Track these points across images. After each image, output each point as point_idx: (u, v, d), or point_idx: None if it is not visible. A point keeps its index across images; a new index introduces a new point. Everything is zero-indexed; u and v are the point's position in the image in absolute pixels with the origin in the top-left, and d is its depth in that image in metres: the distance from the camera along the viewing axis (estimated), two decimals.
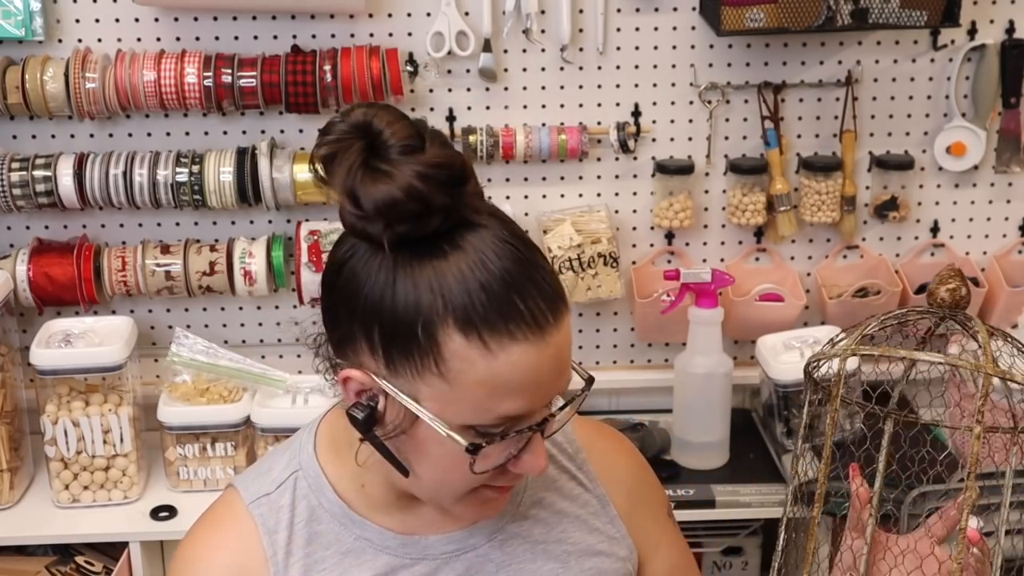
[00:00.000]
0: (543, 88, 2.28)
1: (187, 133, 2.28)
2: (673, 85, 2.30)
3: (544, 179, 2.33)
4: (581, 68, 2.28)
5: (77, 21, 2.21)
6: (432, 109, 2.28)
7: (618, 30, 2.26)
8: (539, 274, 1.06)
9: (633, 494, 1.33)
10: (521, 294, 1.04)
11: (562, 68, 2.27)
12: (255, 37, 2.24)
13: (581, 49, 2.27)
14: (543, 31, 2.25)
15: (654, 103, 2.30)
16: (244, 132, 2.28)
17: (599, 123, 2.30)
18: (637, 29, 2.27)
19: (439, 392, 1.05)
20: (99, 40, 2.22)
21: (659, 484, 1.40)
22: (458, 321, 1.03)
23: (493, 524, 1.24)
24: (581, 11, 2.24)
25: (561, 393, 1.10)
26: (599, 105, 2.30)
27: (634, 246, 2.39)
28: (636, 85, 2.29)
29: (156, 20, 2.22)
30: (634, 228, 2.38)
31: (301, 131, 2.28)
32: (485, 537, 1.24)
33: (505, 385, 1.04)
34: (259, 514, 1.20)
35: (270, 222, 2.33)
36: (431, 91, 2.27)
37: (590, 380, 1.12)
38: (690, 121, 2.32)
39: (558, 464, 1.30)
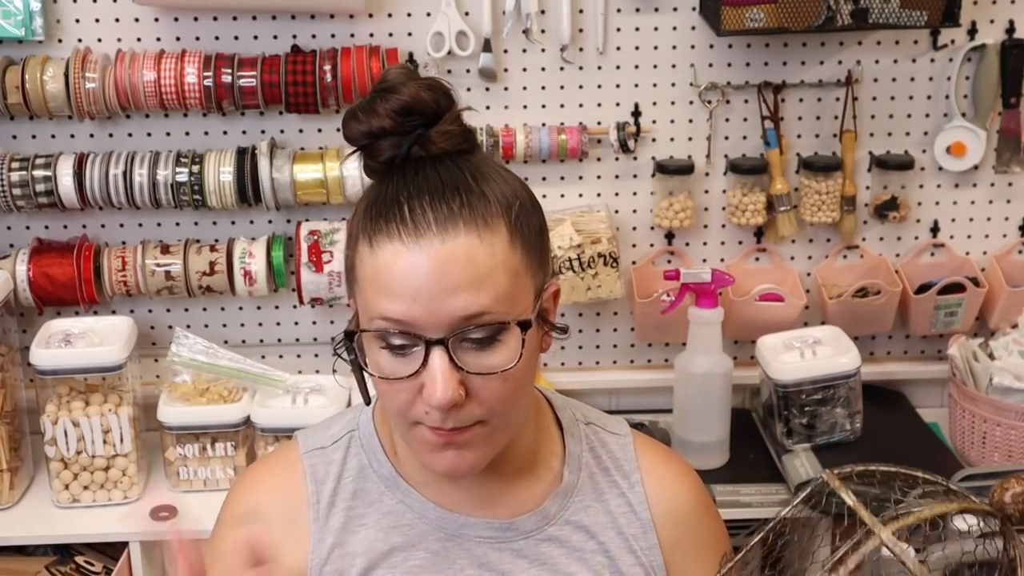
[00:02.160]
0: (543, 88, 2.28)
1: (187, 133, 2.28)
2: (673, 85, 2.30)
3: (544, 179, 2.33)
4: (581, 68, 2.28)
5: (77, 21, 2.21)
6: None
7: (618, 30, 2.26)
8: (452, 194, 1.12)
9: (681, 527, 1.31)
10: (410, 200, 1.11)
11: (562, 68, 2.27)
12: (255, 37, 2.24)
13: (581, 49, 2.27)
14: (543, 31, 2.25)
15: (654, 103, 2.30)
16: (244, 132, 2.28)
17: (599, 123, 2.30)
18: (637, 29, 2.27)
19: (356, 295, 1.16)
20: (99, 40, 2.22)
21: (720, 533, 1.37)
22: (364, 225, 1.13)
23: (534, 523, 1.25)
24: (581, 11, 2.24)
25: (463, 316, 1.10)
26: (599, 105, 2.30)
27: (634, 246, 2.39)
28: (636, 85, 2.29)
29: (156, 20, 2.22)
30: (634, 228, 2.38)
31: (301, 131, 2.28)
32: (523, 533, 1.25)
33: (382, 284, 1.11)
34: (310, 464, 1.28)
35: (270, 222, 2.33)
36: None
37: (523, 322, 1.13)
38: (690, 121, 2.32)
39: (610, 478, 1.30)
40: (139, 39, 2.22)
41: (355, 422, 1.30)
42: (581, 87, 2.29)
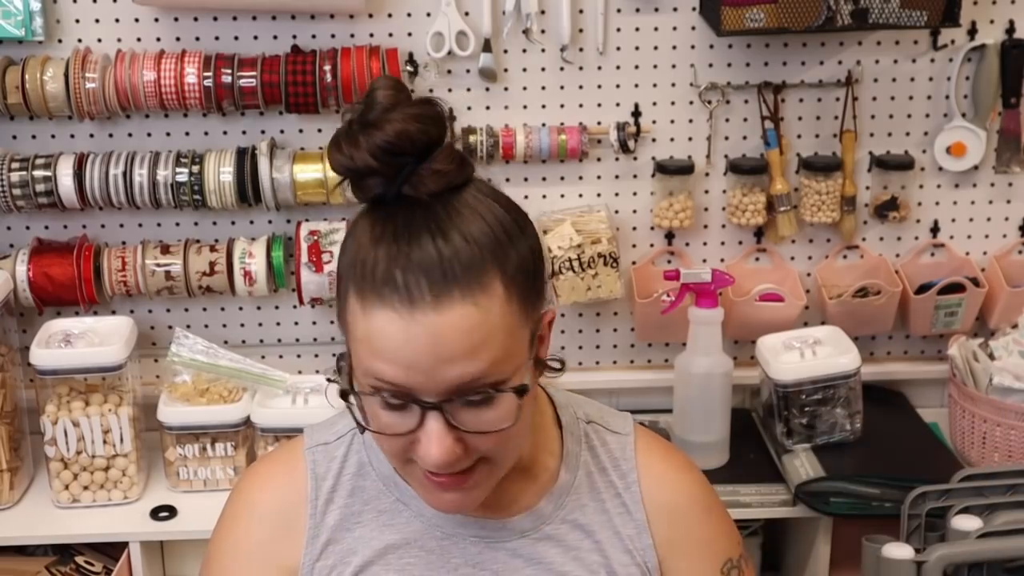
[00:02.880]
0: (543, 88, 2.28)
1: (187, 133, 2.28)
2: (673, 85, 2.30)
3: (544, 179, 2.33)
4: (581, 68, 2.28)
5: (77, 21, 2.21)
6: None
7: (618, 30, 2.26)
8: (448, 261, 1.08)
9: (677, 527, 1.30)
10: (405, 268, 1.08)
11: (562, 68, 2.27)
12: (255, 37, 2.24)
13: (581, 49, 2.27)
14: (543, 31, 2.25)
15: (654, 103, 2.30)
16: (244, 132, 2.28)
17: (599, 123, 2.30)
18: (637, 29, 2.27)
19: (349, 348, 1.14)
20: (99, 40, 2.22)
21: (722, 533, 1.34)
22: (355, 282, 1.11)
23: (530, 523, 1.25)
24: (581, 11, 2.24)
25: (460, 384, 1.09)
26: (599, 105, 2.30)
27: (634, 246, 2.39)
28: (636, 85, 2.29)
29: (156, 20, 2.22)
30: (634, 228, 2.38)
31: (301, 131, 2.28)
32: (519, 533, 1.25)
33: (376, 348, 1.09)
34: (312, 460, 1.29)
35: (270, 222, 2.33)
36: (431, 91, 2.26)
37: (519, 388, 1.11)
38: (690, 121, 2.32)
39: (607, 478, 1.30)
40: (139, 39, 2.22)
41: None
42: (581, 87, 2.29)
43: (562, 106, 2.29)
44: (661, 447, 1.35)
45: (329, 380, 1.21)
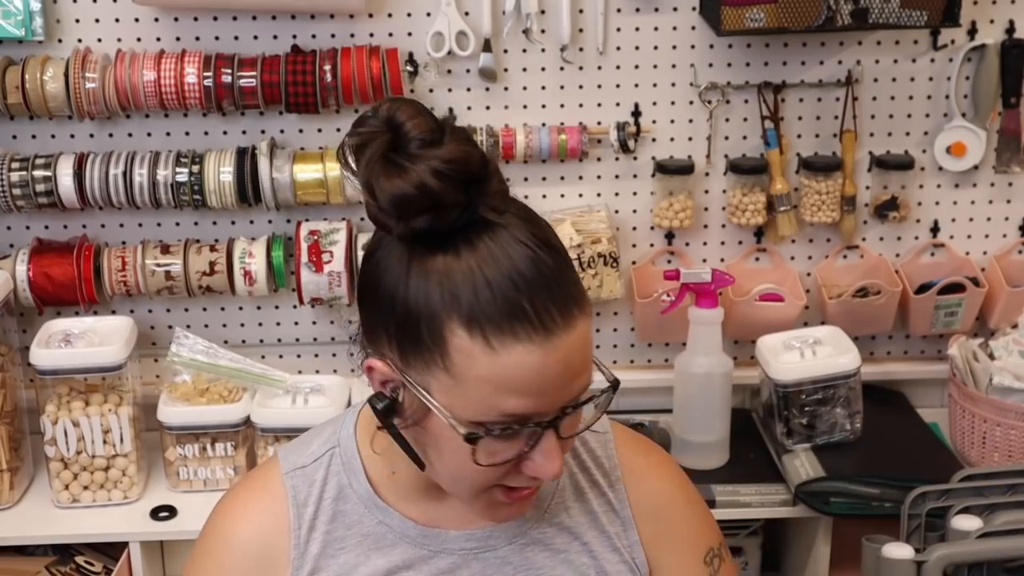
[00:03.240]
0: (543, 88, 2.28)
1: (187, 133, 2.28)
2: (673, 85, 2.30)
3: (544, 179, 2.33)
4: (581, 68, 2.28)
5: (77, 21, 2.21)
6: (432, 109, 2.26)
7: (618, 30, 2.26)
8: (555, 277, 1.06)
9: (661, 522, 1.30)
10: (530, 295, 1.04)
11: (562, 68, 2.27)
12: (255, 37, 2.24)
13: (581, 49, 2.27)
14: (543, 31, 2.25)
15: (654, 103, 2.30)
16: (244, 132, 2.28)
17: (599, 123, 2.30)
18: (637, 29, 2.27)
19: (446, 386, 1.07)
20: (99, 40, 2.22)
21: (703, 524, 1.35)
22: (463, 318, 1.04)
23: (516, 527, 1.24)
24: (581, 11, 2.24)
25: (576, 396, 1.09)
26: (599, 105, 2.30)
27: (634, 246, 2.39)
28: (636, 85, 2.29)
29: (156, 20, 2.22)
30: (634, 228, 2.38)
31: (301, 131, 2.28)
32: (506, 540, 1.24)
33: (508, 384, 1.05)
34: (292, 485, 1.24)
35: (270, 222, 2.33)
36: (431, 91, 2.27)
37: (615, 383, 1.12)
38: (690, 121, 2.32)
39: (590, 477, 1.29)
40: (139, 39, 2.22)
41: (336, 437, 1.27)
42: (581, 87, 2.29)
43: (562, 106, 2.29)
44: (641, 443, 1.35)
45: (387, 425, 1.12)
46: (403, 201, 1.03)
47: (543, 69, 2.27)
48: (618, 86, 2.29)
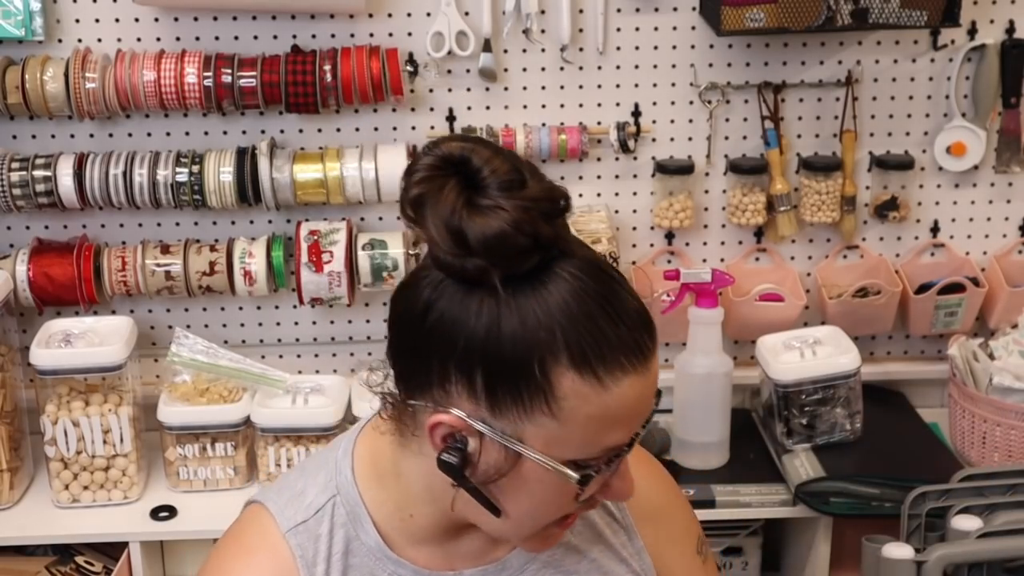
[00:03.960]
0: (543, 88, 2.28)
1: (187, 133, 2.28)
2: (673, 85, 2.30)
3: None
4: (581, 68, 2.28)
5: (77, 21, 2.21)
6: (432, 109, 2.28)
7: (618, 30, 2.26)
8: (633, 299, 1.05)
9: (661, 526, 1.30)
10: (626, 324, 1.02)
11: (562, 68, 2.27)
12: (255, 37, 2.24)
13: (581, 49, 2.27)
14: (543, 31, 2.25)
15: (654, 103, 2.30)
16: (244, 132, 2.28)
17: (599, 123, 2.30)
18: (637, 29, 2.27)
19: (547, 430, 1.02)
20: (99, 40, 2.22)
21: (691, 516, 1.36)
22: (572, 357, 1.00)
23: (525, 556, 1.21)
24: (581, 11, 2.24)
25: (649, 417, 1.10)
26: (599, 105, 2.30)
27: (634, 246, 2.39)
28: (636, 85, 2.29)
29: (156, 20, 2.22)
30: (634, 228, 2.38)
31: (301, 131, 2.28)
32: (518, 568, 1.21)
33: (614, 417, 1.03)
34: (296, 544, 1.15)
35: (270, 222, 2.33)
36: (431, 91, 2.27)
37: (658, 393, 1.10)
38: (690, 121, 2.32)
39: None
40: (139, 39, 2.22)
41: (334, 484, 1.18)
42: (581, 87, 2.29)
43: (562, 106, 2.29)
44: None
45: (462, 483, 1.06)
46: (501, 241, 0.98)
47: (543, 69, 2.27)
48: (618, 86, 2.29)
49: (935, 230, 2.40)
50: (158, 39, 2.22)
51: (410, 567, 1.17)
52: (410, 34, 2.24)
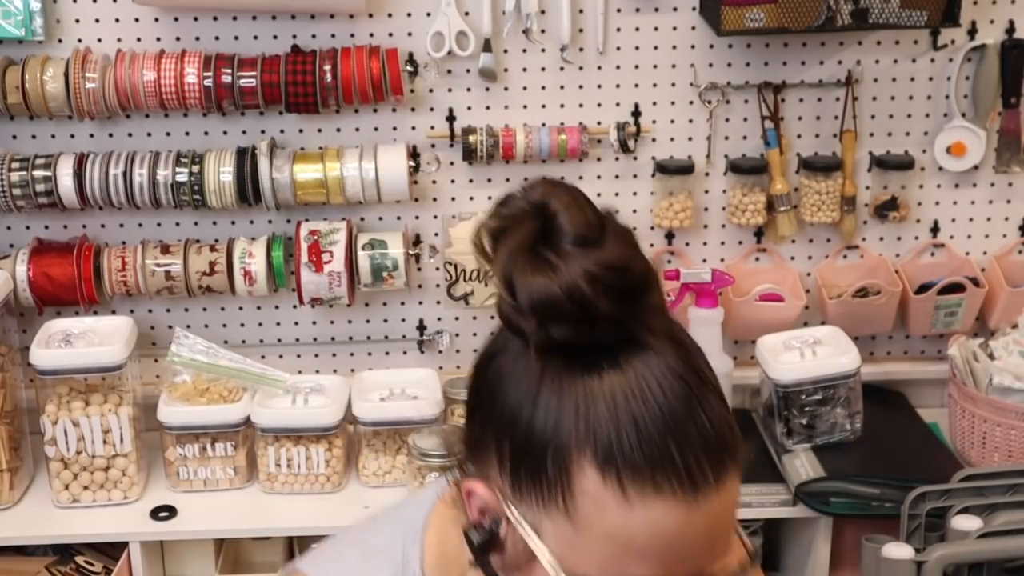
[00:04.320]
0: (543, 88, 2.28)
1: (187, 133, 2.28)
2: (673, 85, 2.30)
3: None
4: (581, 68, 2.28)
5: (77, 21, 2.21)
6: (432, 109, 2.28)
7: (618, 30, 2.26)
8: (708, 420, 0.87)
9: None
10: (679, 441, 0.86)
11: (562, 68, 2.27)
12: (255, 37, 2.24)
13: (581, 49, 2.27)
14: (543, 31, 2.25)
15: (654, 103, 2.30)
16: (244, 132, 2.28)
17: (599, 123, 2.30)
18: (637, 29, 2.27)
19: (563, 532, 0.89)
20: (99, 40, 2.22)
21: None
22: (598, 455, 0.86)
23: None
24: (581, 11, 2.24)
25: (712, 569, 0.91)
26: (599, 105, 2.30)
27: None
28: (636, 85, 2.29)
29: (156, 20, 2.22)
30: (634, 228, 2.35)
31: (301, 131, 2.28)
32: None
33: (639, 545, 0.87)
34: None
35: (270, 222, 2.33)
36: (431, 91, 2.27)
37: (752, 554, 0.96)
38: (690, 121, 2.32)
39: None
40: (139, 39, 2.22)
41: (400, 560, 1.05)
42: (581, 87, 2.29)
43: (562, 106, 2.29)
44: None
45: (483, 564, 0.94)
46: (547, 304, 0.86)
47: (543, 69, 2.27)
48: (618, 86, 2.29)
49: (935, 230, 2.40)
50: (158, 39, 2.22)
51: None
52: (410, 34, 2.24)
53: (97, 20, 2.22)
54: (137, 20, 2.22)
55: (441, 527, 1.04)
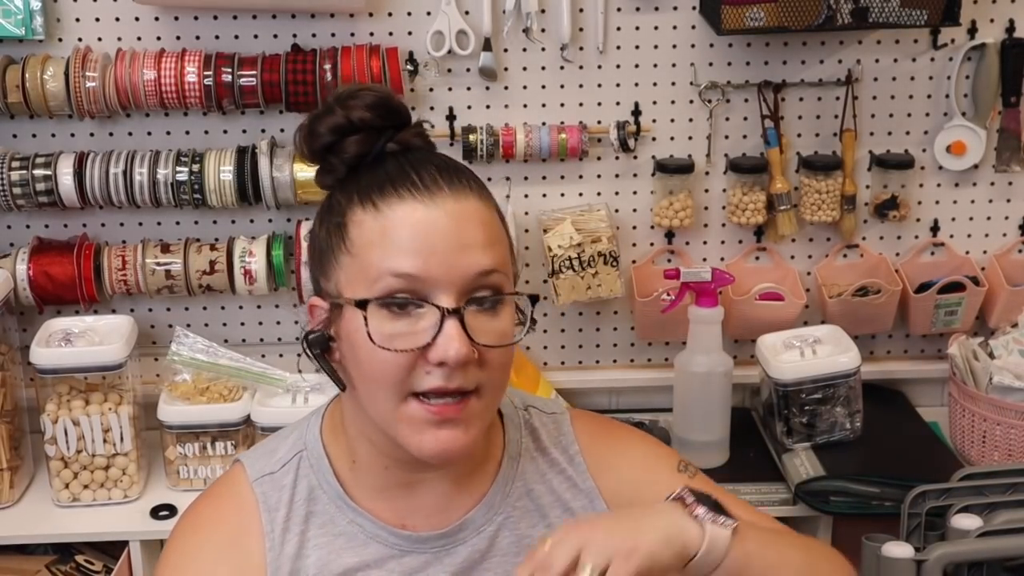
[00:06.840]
0: (543, 87, 2.28)
1: (187, 132, 2.28)
2: (673, 84, 2.30)
3: (544, 178, 2.33)
4: (581, 67, 2.28)
5: (77, 20, 2.21)
6: (432, 108, 2.28)
7: (618, 29, 2.26)
8: (448, 163, 1.19)
9: (622, 468, 1.32)
10: (416, 168, 1.16)
11: (562, 67, 2.27)
12: (255, 36, 2.24)
13: (581, 48, 2.27)
14: (543, 30, 2.25)
15: (654, 102, 2.30)
16: (244, 131, 2.28)
17: (599, 122, 2.30)
18: (637, 28, 2.27)
19: (348, 270, 1.16)
20: (99, 39, 2.22)
21: (656, 445, 1.38)
22: (359, 195, 1.16)
23: (482, 517, 1.27)
24: (581, 10, 2.24)
25: (474, 274, 1.14)
26: (599, 104, 2.30)
27: (634, 245, 2.39)
28: (636, 84, 2.29)
29: (156, 19, 2.22)
30: (634, 227, 2.38)
31: None
32: (474, 530, 1.26)
33: (393, 240, 1.13)
34: (261, 492, 1.26)
35: (270, 221, 2.33)
36: (431, 90, 2.27)
37: (534, 296, 1.20)
38: (690, 120, 2.32)
39: (549, 457, 1.32)
40: (139, 38, 2.22)
41: (302, 441, 1.29)
42: (581, 86, 2.29)
43: (562, 105, 2.29)
44: (597, 421, 1.38)
45: (316, 356, 1.20)
46: (318, 135, 1.18)
47: (543, 68, 2.27)
48: (618, 85, 2.29)
49: (935, 229, 2.40)
50: (158, 38, 2.22)
51: (368, 517, 1.24)
52: (410, 33, 2.24)
53: (97, 19, 2.22)
54: (137, 19, 2.22)
55: (335, 406, 1.30)
